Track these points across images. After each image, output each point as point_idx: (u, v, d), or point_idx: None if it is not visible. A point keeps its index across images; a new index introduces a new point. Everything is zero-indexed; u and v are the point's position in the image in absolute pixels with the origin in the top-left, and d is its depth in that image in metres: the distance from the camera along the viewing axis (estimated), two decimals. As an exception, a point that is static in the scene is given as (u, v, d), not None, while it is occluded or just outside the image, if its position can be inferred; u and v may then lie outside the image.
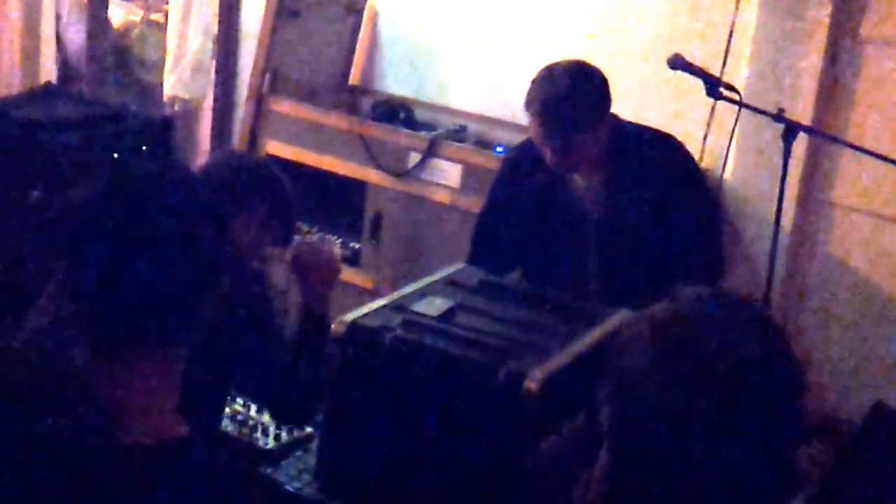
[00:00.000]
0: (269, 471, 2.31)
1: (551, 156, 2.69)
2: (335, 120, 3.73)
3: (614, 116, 2.80)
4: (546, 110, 2.63)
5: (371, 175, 3.62)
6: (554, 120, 2.64)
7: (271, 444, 2.40)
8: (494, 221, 2.91)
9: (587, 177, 2.79)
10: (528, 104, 2.67)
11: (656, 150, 2.81)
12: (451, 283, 2.47)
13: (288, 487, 2.27)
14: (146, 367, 1.32)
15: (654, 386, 1.12)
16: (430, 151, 3.50)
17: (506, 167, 2.97)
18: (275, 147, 3.84)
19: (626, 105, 3.56)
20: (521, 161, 2.90)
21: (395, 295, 2.37)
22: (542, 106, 2.63)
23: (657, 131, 2.87)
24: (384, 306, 2.29)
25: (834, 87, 3.25)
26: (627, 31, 3.60)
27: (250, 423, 2.47)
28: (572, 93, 2.63)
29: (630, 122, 2.87)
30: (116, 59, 4.62)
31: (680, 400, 1.11)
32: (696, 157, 3.45)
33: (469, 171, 3.45)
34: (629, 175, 2.76)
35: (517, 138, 3.49)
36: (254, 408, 2.53)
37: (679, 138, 2.91)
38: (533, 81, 2.69)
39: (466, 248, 2.96)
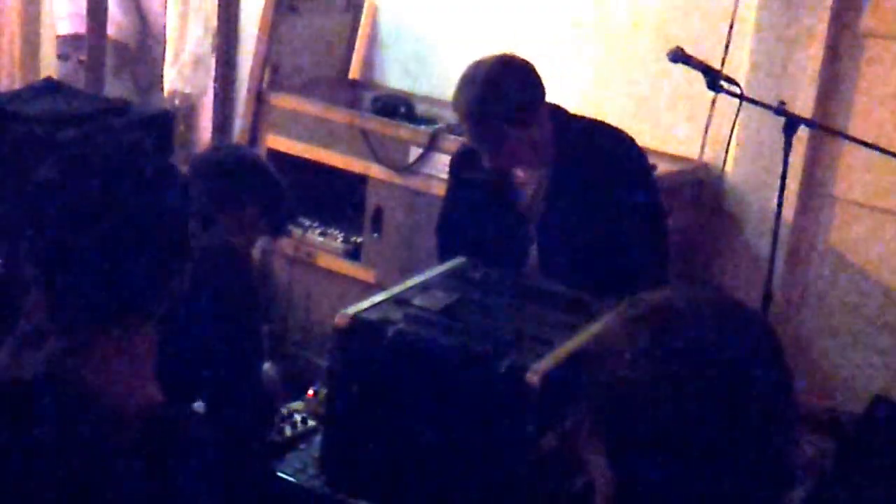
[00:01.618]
0: (273, 464, 2.31)
1: (485, 156, 2.61)
2: (335, 114, 3.73)
3: (562, 111, 2.71)
4: (469, 112, 2.55)
5: (372, 169, 3.62)
6: (478, 121, 2.55)
7: (276, 437, 2.41)
8: (449, 224, 2.87)
9: (531, 172, 2.70)
10: (453, 107, 2.59)
11: (604, 145, 2.70)
12: (452, 276, 2.47)
13: (293, 480, 2.27)
14: (118, 341, 1.34)
15: (648, 396, 1.12)
16: (431, 145, 3.50)
17: (451, 168, 2.91)
18: (275, 141, 3.85)
19: (626, 99, 3.58)
20: (464, 160, 2.81)
21: (397, 289, 2.37)
22: (465, 107, 2.55)
23: (607, 126, 2.77)
24: (386, 300, 2.29)
25: (835, 80, 3.26)
26: (627, 25, 3.60)
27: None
28: (494, 92, 2.52)
29: (579, 116, 2.76)
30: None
31: (675, 405, 1.11)
32: (697, 150, 3.46)
33: (470, 164, 3.45)
34: (574, 170, 2.66)
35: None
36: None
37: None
38: (457, 81, 2.60)
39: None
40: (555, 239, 2.69)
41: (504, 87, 2.55)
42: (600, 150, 2.69)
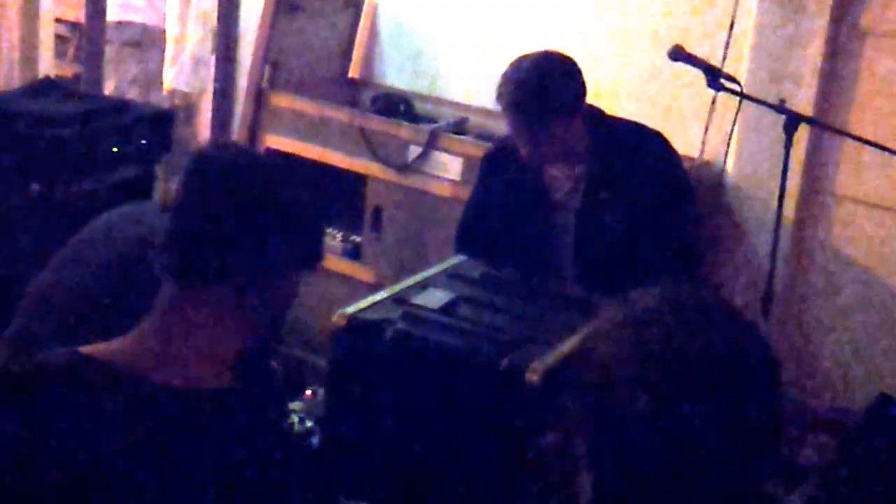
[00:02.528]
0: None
1: (526, 149, 2.65)
2: (335, 113, 3.72)
3: (598, 111, 2.76)
4: (515, 103, 2.59)
5: (371, 168, 3.61)
6: (523, 113, 2.59)
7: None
8: (476, 219, 2.89)
9: (566, 169, 2.75)
10: (498, 98, 2.63)
11: (640, 145, 2.77)
12: (451, 275, 2.47)
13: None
14: (213, 310, 1.39)
15: (636, 397, 1.10)
16: (431, 144, 3.49)
17: (484, 164, 2.95)
18: (274, 140, 3.84)
19: (627, 97, 3.57)
20: (498, 156, 2.88)
21: (396, 287, 2.37)
22: (511, 99, 2.59)
23: (644, 127, 2.83)
24: (385, 299, 2.28)
25: (835, 77, 3.24)
26: (627, 23, 3.59)
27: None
28: (541, 84, 2.58)
29: (616, 117, 2.82)
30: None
31: (665, 407, 1.10)
32: (697, 149, 3.45)
33: (470, 163, 3.44)
34: (610, 169, 2.72)
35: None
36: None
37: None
38: (503, 74, 2.64)
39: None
40: (592, 233, 2.73)
41: (550, 81, 2.61)
42: (635, 146, 2.75)
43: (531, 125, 2.61)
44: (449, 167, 3.48)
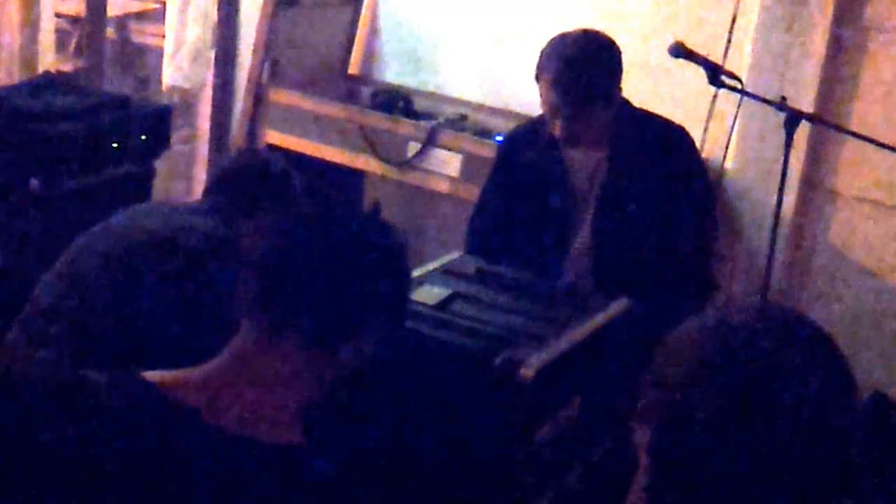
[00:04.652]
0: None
1: (561, 126, 2.62)
2: (334, 109, 3.72)
3: (624, 99, 2.75)
4: (560, 78, 2.56)
5: (370, 164, 3.61)
6: (568, 88, 2.56)
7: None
8: (491, 209, 2.88)
9: (588, 153, 2.74)
10: (541, 71, 2.59)
11: (664, 137, 2.76)
12: (448, 271, 2.45)
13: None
14: (290, 360, 1.36)
15: (702, 404, 1.10)
16: (430, 141, 3.49)
17: (501, 153, 2.94)
18: (274, 137, 3.84)
19: (627, 94, 3.55)
20: (515, 145, 2.86)
21: (392, 284, 2.35)
22: (556, 73, 2.55)
23: (668, 121, 2.82)
24: (380, 295, 2.27)
25: (837, 75, 3.23)
26: (628, 19, 3.58)
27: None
28: (588, 61, 2.57)
29: (641, 109, 2.82)
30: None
31: (729, 418, 1.10)
32: (698, 145, 3.44)
33: (469, 160, 3.44)
34: (632, 157, 2.71)
35: (517, 127, 3.47)
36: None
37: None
38: (545, 48, 2.61)
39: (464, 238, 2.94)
40: (611, 222, 2.71)
41: (598, 62, 2.60)
42: (657, 138, 2.74)
43: (573, 104, 2.58)
44: (448, 164, 3.48)
